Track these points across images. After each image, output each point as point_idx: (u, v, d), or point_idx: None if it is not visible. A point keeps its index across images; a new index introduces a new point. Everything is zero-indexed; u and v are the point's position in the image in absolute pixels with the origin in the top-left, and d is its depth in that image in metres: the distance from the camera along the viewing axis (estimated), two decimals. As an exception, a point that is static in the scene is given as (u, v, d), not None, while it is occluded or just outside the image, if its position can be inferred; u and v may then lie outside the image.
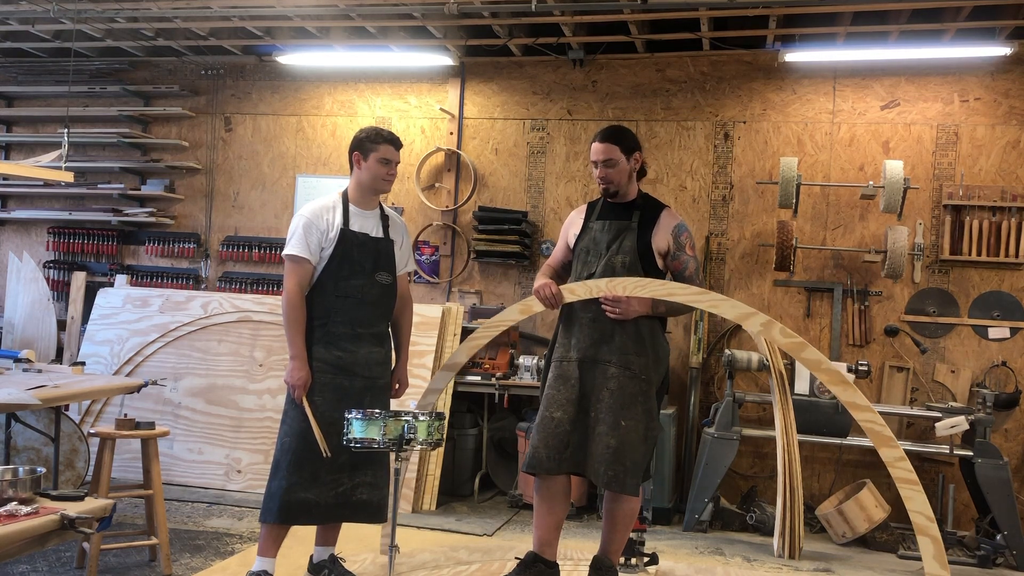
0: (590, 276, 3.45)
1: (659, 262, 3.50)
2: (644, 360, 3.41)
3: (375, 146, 3.60)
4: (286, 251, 3.55)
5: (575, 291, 3.43)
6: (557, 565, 3.46)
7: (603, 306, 3.38)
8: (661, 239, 3.48)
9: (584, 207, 3.67)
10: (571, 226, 3.67)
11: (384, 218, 3.73)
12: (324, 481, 3.46)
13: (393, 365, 3.75)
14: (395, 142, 3.64)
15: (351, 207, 3.64)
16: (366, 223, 3.65)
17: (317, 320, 3.53)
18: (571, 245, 3.63)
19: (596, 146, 3.50)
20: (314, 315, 3.54)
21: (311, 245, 3.52)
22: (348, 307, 3.57)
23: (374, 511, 3.57)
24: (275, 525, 3.48)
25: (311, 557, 3.70)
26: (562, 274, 3.70)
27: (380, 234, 3.68)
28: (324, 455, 3.44)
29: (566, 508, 3.48)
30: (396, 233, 3.75)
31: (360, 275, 3.59)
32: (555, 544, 3.46)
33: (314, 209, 3.59)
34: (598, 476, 3.31)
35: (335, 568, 3.65)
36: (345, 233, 3.57)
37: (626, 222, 3.49)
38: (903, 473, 3.04)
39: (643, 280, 3.36)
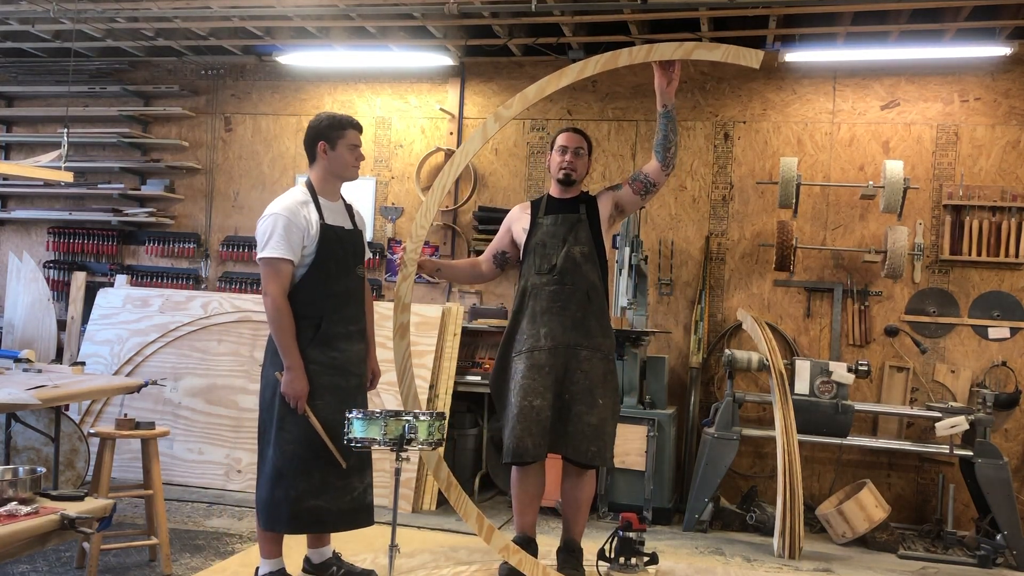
0: (552, 267, 3.65)
1: (606, 238, 3.75)
2: (609, 341, 3.70)
3: (342, 132, 3.48)
4: (266, 254, 3.33)
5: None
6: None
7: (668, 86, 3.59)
8: (604, 207, 3.76)
9: (528, 204, 3.91)
10: (517, 221, 3.86)
11: (348, 208, 3.64)
12: (335, 487, 3.38)
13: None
14: (359, 127, 3.55)
15: (320, 200, 3.49)
16: (337, 216, 3.53)
17: (308, 321, 3.37)
18: (516, 239, 3.84)
19: (568, 135, 3.87)
20: (304, 316, 3.37)
21: (293, 245, 3.35)
22: (339, 305, 3.47)
23: (373, 512, 3.56)
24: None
25: (306, 558, 3.67)
26: (494, 262, 3.92)
27: (351, 226, 3.58)
28: (342, 466, 3.36)
29: (543, 486, 3.77)
30: (361, 223, 3.68)
31: (345, 271, 3.49)
32: (536, 522, 3.83)
33: (289, 207, 3.38)
34: (581, 453, 3.54)
35: (343, 565, 3.65)
36: (326, 229, 3.43)
37: (576, 215, 3.74)
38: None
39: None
